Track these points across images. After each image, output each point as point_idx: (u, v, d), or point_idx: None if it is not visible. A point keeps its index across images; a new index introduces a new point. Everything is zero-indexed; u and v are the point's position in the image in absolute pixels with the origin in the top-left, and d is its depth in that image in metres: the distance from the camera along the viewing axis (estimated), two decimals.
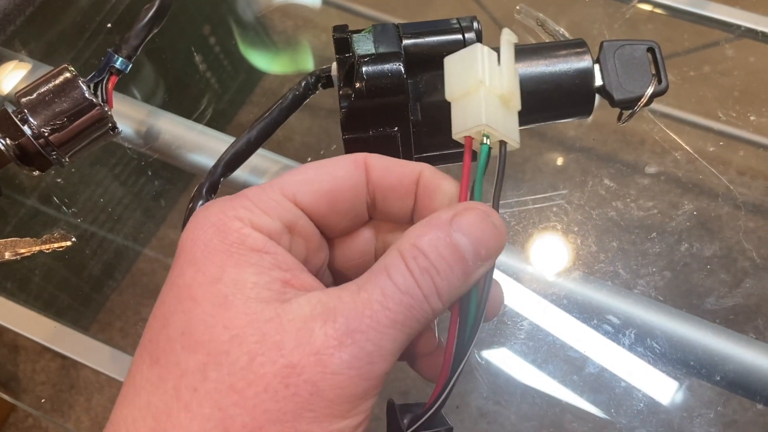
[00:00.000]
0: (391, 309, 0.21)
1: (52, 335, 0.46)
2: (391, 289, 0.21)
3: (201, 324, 0.20)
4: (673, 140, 0.51)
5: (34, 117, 0.36)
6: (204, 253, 0.22)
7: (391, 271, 0.21)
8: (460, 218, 0.22)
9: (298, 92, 0.38)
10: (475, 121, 0.24)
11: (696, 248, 0.48)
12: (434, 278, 0.21)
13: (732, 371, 0.37)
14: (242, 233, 0.22)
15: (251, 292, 0.21)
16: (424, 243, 0.22)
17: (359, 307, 0.20)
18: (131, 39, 0.39)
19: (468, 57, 0.24)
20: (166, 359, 0.21)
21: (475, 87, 0.24)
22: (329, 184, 0.24)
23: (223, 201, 0.23)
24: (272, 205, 0.23)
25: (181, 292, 0.21)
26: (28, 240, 0.46)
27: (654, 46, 0.36)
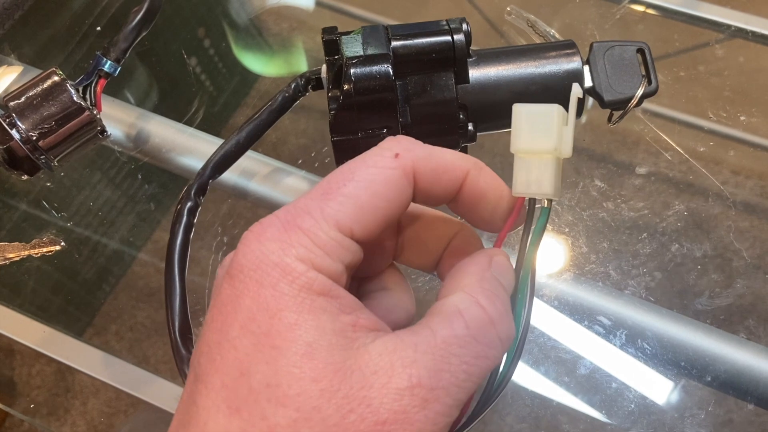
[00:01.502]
0: (469, 363, 0.21)
1: (45, 340, 0.46)
2: (468, 341, 0.21)
3: (288, 376, 0.20)
4: (664, 141, 0.51)
5: (22, 121, 0.36)
6: (274, 297, 0.21)
7: (467, 317, 0.22)
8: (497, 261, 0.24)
9: (288, 94, 0.38)
10: (539, 189, 0.24)
11: (687, 248, 0.48)
12: (510, 320, 0.23)
13: (723, 372, 0.36)
14: (309, 277, 0.21)
15: (332, 339, 0.20)
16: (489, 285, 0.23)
17: (438, 361, 0.21)
18: (120, 42, 0.39)
19: (547, 118, 0.24)
20: (249, 412, 0.20)
21: (547, 152, 0.24)
22: (384, 211, 0.23)
23: (275, 231, 0.22)
24: (333, 246, 0.22)
25: (260, 340, 0.20)
26: (17, 245, 0.46)
27: (644, 47, 0.36)
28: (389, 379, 0.20)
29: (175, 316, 0.33)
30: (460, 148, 0.36)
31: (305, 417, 0.19)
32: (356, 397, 0.20)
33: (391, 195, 0.23)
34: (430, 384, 0.20)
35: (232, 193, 0.43)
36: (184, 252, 0.35)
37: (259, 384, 0.20)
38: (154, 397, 0.43)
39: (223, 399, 0.20)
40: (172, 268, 0.34)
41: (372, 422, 0.19)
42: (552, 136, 0.23)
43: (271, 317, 0.21)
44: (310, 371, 0.20)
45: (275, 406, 0.20)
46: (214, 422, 0.20)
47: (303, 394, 0.20)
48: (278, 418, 0.20)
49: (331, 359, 0.20)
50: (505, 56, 0.36)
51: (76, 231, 0.57)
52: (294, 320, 0.21)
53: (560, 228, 0.48)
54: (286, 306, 0.21)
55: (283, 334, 0.20)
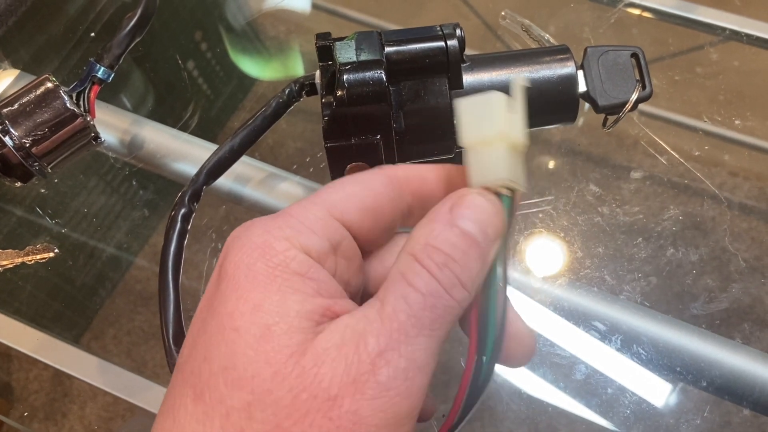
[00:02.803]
0: (417, 315, 0.20)
1: (41, 346, 0.46)
2: (413, 295, 0.21)
3: (243, 358, 0.20)
4: (659, 144, 0.51)
5: (15, 128, 0.36)
6: (247, 277, 0.21)
7: (408, 276, 0.21)
8: (460, 206, 0.22)
9: (282, 99, 0.38)
10: (496, 176, 0.23)
11: (682, 253, 0.48)
12: (453, 269, 0.21)
13: (719, 376, 0.36)
14: (287, 255, 0.21)
15: (294, 321, 0.20)
16: (434, 240, 0.21)
17: (386, 324, 0.20)
18: (113, 48, 0.39)
19: (486, 105, 0.24)
20: (210, 395, 0.20)
21: (496, 138, 0.23)
22: (372, 200, 0.24)
23: (266, 220, 0.22)
24: (319, 224, 0.22)
25: (224, 321, 0.21)
26: (10, 252, 0.46)
27: (638, 52, 0.36)
28: (338, 351, 0.20)
29: (169, 323, 0.33)
30: (454, 153, 0.36)
31: (258, 399, 0.20)
32: (308, 375, 0.20)
33: (378, 189, 0.24)
34: (379, 346, 0.20)
35: (227, 198, 0.43)
36: (178, 258, 0.35)
37: (218, 367, 0.20)
38: (150, 403, 0.43)
39: (190, 385, 0.21)
40: (166, 274, 0.34)
41: (323, 399, 0.19)
42: (495, 122, 0.23)
43: (238, 298, 0.21)
44: (265, 354, 0.20)
45: (231, 389, 0.20)
46: (183, 408, 0.21)
47: (257, 376, 0.20)
48: (234, 401, 0.20)
49: (288, 341, 0.20)
50: (499, 61, 0.36)
51: (71, 237, 0.57)
52: (258, 301, 0.21)
53: (555, 233, 0.47)
54: (255, 286, 0.21)
55: (246, 315, 0.20)
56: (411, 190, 0.25)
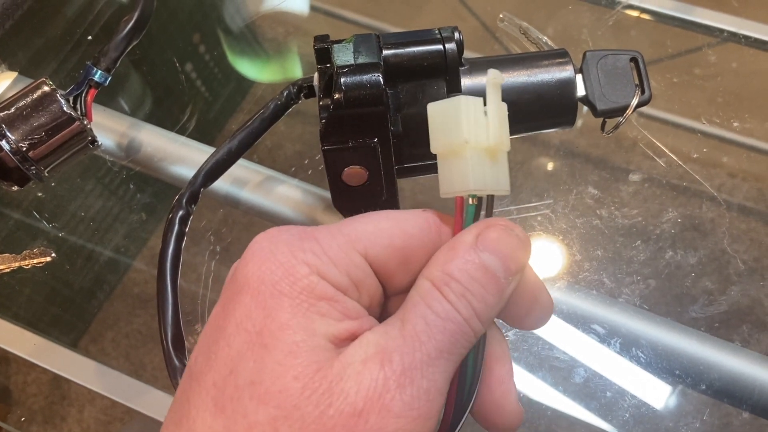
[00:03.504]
0: (437, 338, 0.21)
1: (38, 351, 0.46)
2: (432, 318, 0.21)
3: (271, 373, 0.20)
4: (658, 147, 0.51)
5: (11, 132, 0.36)
6: (273, 296, 0.21)
7: (428, 300, 0.21)
8: (485, 238, 0.22)
9: (280, 102, 0.38)
10: (462, 186, 0.23)
11: (681, 255, 0.48)
12: (471, 302, 0.21)
13: (718, 379, 0.36)
14: (311, 281, 0.21)
15: (321, 341, 0.21)
16: (453, 269, 0.22)
17: (408, 342, 0.20)
18: (110, 51, 0.39)
19: (452, 111, 0.23)
20: (233, 410, 0.20)
21: (460, 146, 0.23)
22: (402, 240, 0.23)
23: (290, 236, 0.22)
24: (342, 258, 0.22)
25: (252, 338, 0.21)
26: (7, 256, 0.46)
27: (637, 56, 0.36)
28: (363, 366, 0.20)
29: (167, 326, 0.33)
30: None
31: (285, 415, 0.20)
32: (334, 391, 0.20)
33: (412, 231, 0.23)
34: (403, 365, 0.20)
35: (225, 202, 0.43)
36: (176, 261, 0.35)
37: (244, 381, 0.20)
38: (148, 407, 0.43)
39: (212, 397, 0.21)
40: (164, 277, 0.34)
41: (348, 414, 0.19)
42: (460, 129, 0.23)
43: (266, 316, 0.21)
44: (293, 369, 0.20)
45: (257, 404, 0.20)
46: (202, 420, 0.20)
47: (284, 391, 0.20)
48: (258, 416, 0.20)
49: (315, 358, 0.20)
50: (497, 65, 0.36)
51: (69, 240, 0.57)
52: (286, 320, 0.21)
53: (554, 236, 0.47)
54: (283, 306, 0.21)
55: (275, 333, 0.20)
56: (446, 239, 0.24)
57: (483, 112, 0.24)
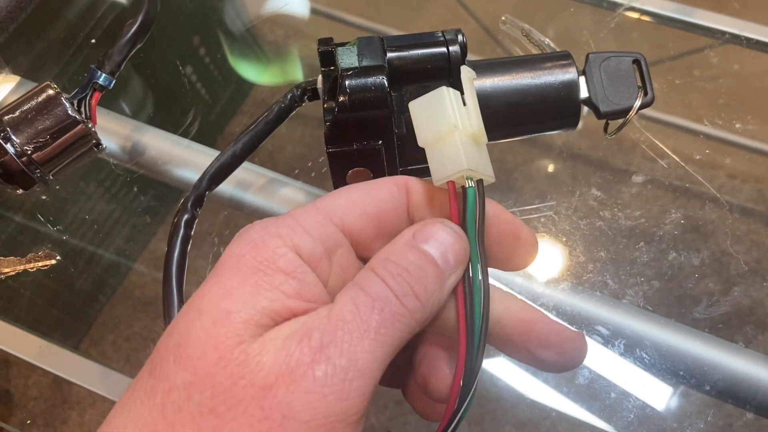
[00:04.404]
0: (363, 317, 0.20)
1: (40, 353, 0.46)
2: (362, 298, 0.21)
3: (195, 339, 0.20)
4: (660, 148, 0.51)
5: (17, 135, 0.36)
6: (231, 267, 0.21)
7: (362, 283, 0.21)
8: (422, 231, 0.23)
9: (284, 105, 0.38)
10: (456, 167, 0.24)
11: (684, 256, 0.48)
12: (407, 279, 0.21)
13: (722, 380, 0.36)
14: (277, 252, 0.21)
15: (256, 315, 0.20)
16: (392, 255, 0.22)
17: (332, 321, 0.20)
18: (114, 55, 0.39)
19: (436, 101, 0.24)
20: (159, 370, 0.20)
21: (449, 132, 0.24)
22: (374, 206, 0.24)
23: (268, 220, 0.23)
24: (316, 227, 0.23)
25: (193, 302, 0.21)
26: (12, 259, 0.46)
27: (640, 58, 0.36)
28: (283, 342, 0.20)
29: None
30: None
31: (199, 381, 0.20)
32: (250, 363, 0.20)
33: (382, 196, 0.24)
34: (321, 341, 0.20)
35: (228, 204, 0.43)
36: (181, 265, 0.35)
37: (171, 343, 0.21)
38: None
39: (150, 360, 0.21)
40: (170, 280, 0.34)
41: (259, 387, 0.19)
42: (447, 115, 0.24)
43: (215, 284, 0.21)
44: (215, 338, 0.20)
45: (177, 367, 0.20)
46: (140, 381, 0.21)
47: (202, 359, 0.20)
48: (177, 379, 0.20)
49: (241, 331, 0.20)
50: (500, 67, 0.36)
51: (72, 243, 0.57)
52: (230, 288, 0.21)
53: (557, 237, 0.48)
54: (234, 275, 0.21)
55: (213, 299, 0.21)
56: (415, 201, 0.25)
57: (462, 102, 0.25)
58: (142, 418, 0.20)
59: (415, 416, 0.26)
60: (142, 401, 0.20)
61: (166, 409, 0.20)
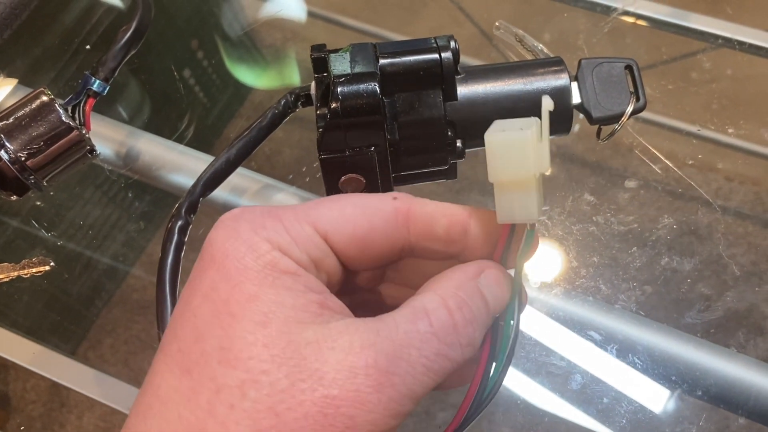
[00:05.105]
0: (429, 358, 0.21)
1: (37, 358, 0.46)
2: (429, 338, 0.21)
3: (241, 341, 0.20)
4: (653, 152, 0.51)
5: (10, 141, 0.36)
6: (238, 270, 0.21)
7: (432, 317, 0.22)
8: (488, 275, 0.24)
9: (278, 111, 0.38)
10: (527, 216, 0.24)
11: (677, 261, 0.48)
12: (468, 316, 0.22)
13: (714, 385, 0.36)
14: (273, 256, 0.22)
15: (290, 312, 0.21)
16: (462, 291, 0.23)
17: (398, 349, 0.21)
18: (108, 61, 0.39)
19: (519, 146, 0.23)
20: (199, 372, 0.20)
21: (527, 180, 0.23)
22: (364, 230, 0.24)
23: (254, 215, 0.23)
24: (303, 238, 0.23)
25: (219, 307, 0.21)
26: (6, 265, 0.46)
27: (632, 64, 0.36)
28: (345, 356, 0.20)
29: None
30: (448, 164, 0.36)
31: (253, 379, 0.20)
32: (308, 368, 0.20)
33: (376, 221, 0.24)
34: (387, 368, 0.20)
35: (223, 210, 0.43)
36: (175, 270, 0.35)
37: (211, 347, 0.20)
38: None
39: (176, 362, 0.21)
40: (163, 286, 0.34)
41: (322, 395, 0.20)
42: (528, 161, 0.23)
43: (232, 287, 0.21)
44: (263, 338, 0.20)
45: (224, 368, 0.20)
46: (166, 383, 0.21)
47: (254, 358, 0.20)
48: (227, 379, 0.20)
49: (285, 329, 0.20)
50: (493, 73, 0.36)
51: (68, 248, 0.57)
52: (254, 292, 0.21)
53: (550, 242, 0.48)
54: (248, 278, 0.21)
55: (242, 303, 0.21)
56: (417, 230, 0.25)
57: (540, 139, 0.24)
58: (184, 420, 0.20)
59: (414, 417, 0.27)
60: (179, 403, 0.20)
61: (214, 408, 0.20)
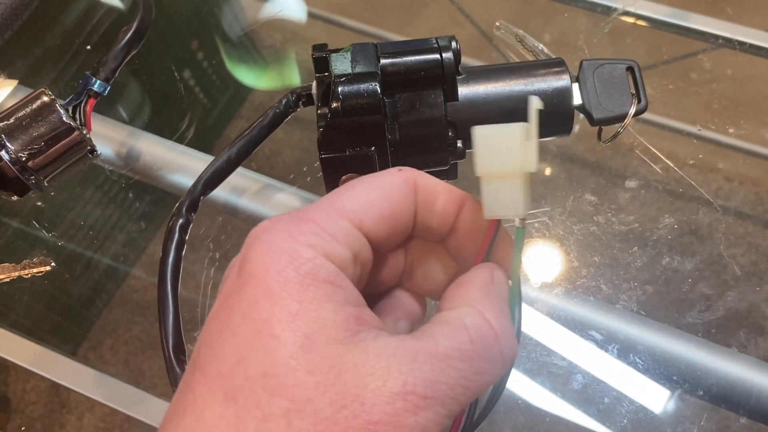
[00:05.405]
0: (468, 378, 0.21)
1: (37, 359, 0.46)
2: (470, 356, 0.21)
3: (285, 366, 0.20)
4: (653, 152, 0.51)
5: (11, 142, 0.36)
6: (279, 284, 0.21)
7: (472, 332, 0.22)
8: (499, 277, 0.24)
9: (279, 110, 0.38)
10: (514, 211, 0.24)
11: (678, 261, 0.48)
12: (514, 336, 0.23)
13: (715, 385, 0.36)
14: (315, 263, 0.21)
15: (331, 332, 0.21)
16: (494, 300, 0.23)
17: (437, 371, 0.21)
18: (109, 61, 0.39)
19: (507, 138, 0.23)
20: (245, 400, 0.20)
21: (514, 173, 0.23)
22: (390, 208, 0.24)
23: (288, 222, 0.22)
24: (342, 233, 0.22)
25: (260, 328, 0.21)
26: (7, 266, 0.46)
27: (633, 66, 0.36)
28: (384, 382, 0.20)
29: (168, 334, 0.33)
30: (449, 165, 0.36)
31: (298, 408, 0.20)
32: (350, 394, 0.20)
33: (397, 196, 0.24)
34: (425, 393, 0.20)
35: (223, 209, 0.43)
36: (176, 269, 0.35)
37: (256, 373, 0.20)
38: (147, 415, 0.43)
39: (219, 386, 0.20)
40: (165, 285, 0.34)
41: (364, 420, 0.20)
42: (516, 156, 0.23)
43: (273, 304, 0.21)
44: (307, 364, 0.20)
45: (270, 396, 0.20)
46: (211, 409, 0.20)
47: (298, 385, 0.20)
48: (273, 407, 0.20)
49: (328, 353, 0.20)
50: (494, 74, 0.36)
51: (68, 248, 0.57)
52: (296, 310, 0.21)
53: (551, 243, 0.48)
54: (289, 293, 0.21)
55: (284, 323, 0.20)
56: (420, 201, 0.25)
57: (527, 137, 0.24)
58: None
59: None
60: (223, 430, 0.20)
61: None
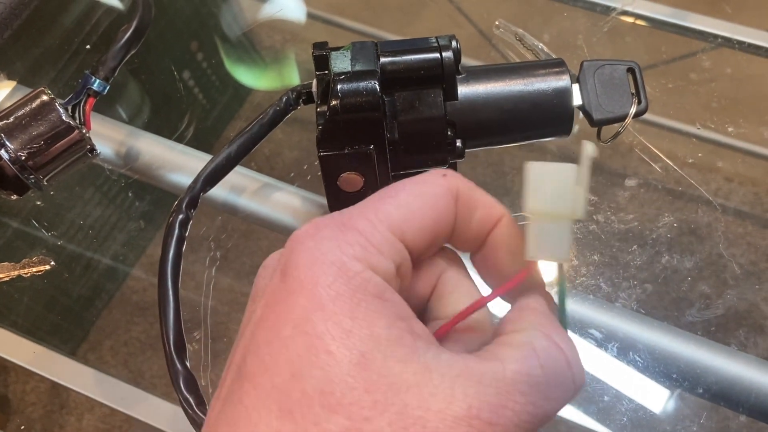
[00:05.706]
0: (535, 405, 0.21)
1: (37, 359, 0.46)
2: (539, 382, 0.21)
3: (342, 384, 0.20)
4: (653, 152, 0.51)
5: (10, 141, 0.36)
6: (330, 298, 0.21)
7: (542, 356, 0.21)
8: None
9: (279, 108, 0.38)
10: (558, 256, 0.23)
11: (677, 260, 0.48)
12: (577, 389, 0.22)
13: (715, 383, 0.36)
14: (364, 277, 0.21)
15: (387, 349, 0.20)
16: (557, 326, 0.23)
17: (503, 397, 0.20)
18: (108, 60, 0.39)
19: (563, 180, 0.23)
20: (302, 416, 0.20)
21: (563, 216, 0.23)
22: (433, 220, 0.23)
23: (333, 231, 0.22)
24: (386, 246, 0.22)
25: (314, 343, 0.20)
26: (6, 265, 0.46)
27: (634, 67, 0.36)
28: (448, 405, 0.20)
29: (169, 330, 0.33)
30: (448, 164, 0.36)
31: (357, 427, 0.19)
32: (411, 415, 0.19)
33: (440, 206, 0.23)
34: (490, 419, 0.20)
35: (223, 209, 0.43)
36: (176, 265, 0.35)
37: (312, 389, 0.20)
38: (147, 415, 0.43)
39: (273, 400, 0.20)
40: (165, 281, 0.34)
41: None
42: (566, 199, 0.22)
43: (326, 320, 0.20)
44: (364, 382, 0.20)
45: (328, 413, 0.20)
46: (266, 424, 0.20)
47: (356, 404, 0.20)
48: (330, 425, 0.19)
49: (385, 371, 0.20)
50: (494, 73, 0.36)
51: (68, 248, 0.57)
52: (349, 326, 0.20)
53: None
54: (341, 309, 0.20)
55: (338, 340, 0.20)
56: (460, 210, 0.24)
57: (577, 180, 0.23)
58: None
59: None
60: None
61: None
